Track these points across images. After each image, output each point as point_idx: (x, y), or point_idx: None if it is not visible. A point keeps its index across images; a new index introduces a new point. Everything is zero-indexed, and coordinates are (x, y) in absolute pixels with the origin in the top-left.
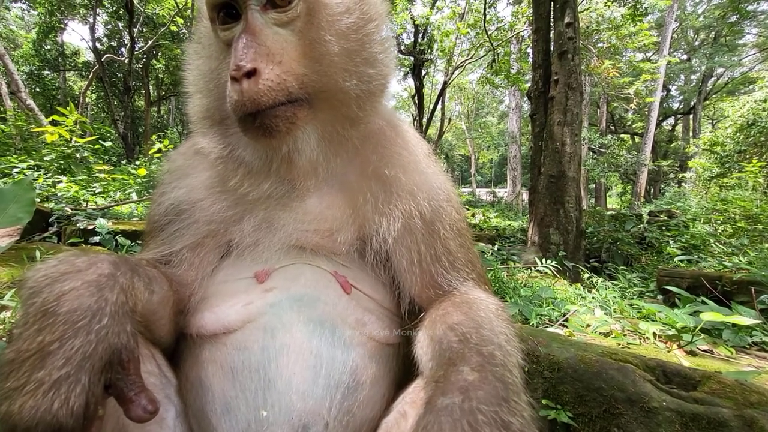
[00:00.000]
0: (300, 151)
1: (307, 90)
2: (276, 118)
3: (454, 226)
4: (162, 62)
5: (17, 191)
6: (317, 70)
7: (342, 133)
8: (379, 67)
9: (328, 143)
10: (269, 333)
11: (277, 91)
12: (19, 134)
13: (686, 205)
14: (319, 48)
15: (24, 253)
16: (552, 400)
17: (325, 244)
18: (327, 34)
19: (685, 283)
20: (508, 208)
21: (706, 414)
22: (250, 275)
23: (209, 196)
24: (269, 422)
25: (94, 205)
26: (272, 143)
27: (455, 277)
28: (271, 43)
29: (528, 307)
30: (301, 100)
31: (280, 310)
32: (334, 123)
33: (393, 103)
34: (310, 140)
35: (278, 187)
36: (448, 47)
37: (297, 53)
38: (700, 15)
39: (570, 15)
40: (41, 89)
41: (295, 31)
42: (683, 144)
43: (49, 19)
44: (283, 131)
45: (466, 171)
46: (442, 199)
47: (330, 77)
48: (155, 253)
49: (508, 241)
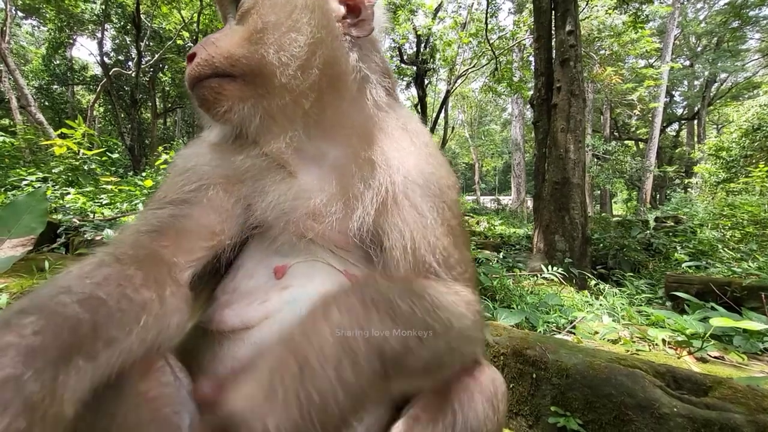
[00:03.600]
0: (245, 124)
1: (237, 68)
2: (203, 88)
3: (447, 217)
4: (168, 75)
5: (30, 202)
6: (247, 49)
7: (288, 104)
8: (303, 31)
9: (278, 117)
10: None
11: (203, 66)
12: (29, 147)
13: (693, 211)
14: (252, 29)
15: (33, 263)
16: (561, 407)
17: (322, 229)
18: (261, 20)
19: (693, 289)
20: (512, 216)
21: (718, 420)
22: (269, 270)
23: (214, 154)
24: None
25: (101, 217)
26: (209, 112)
27: (439, 274)
28: (220, 36)
29: (535, 315)
30: (230, 75)
31: (296, 307)
32: (274, 96)
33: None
34: (253, 113)
35: (256, 159)
36: (451, 56)
37: (237, 38)
38: (702, 21)
39: (571, 23)
40: (50, 103)
41: (242, 23)
42: (688, 149)
43: (58, 35)
44: (210, 100)
45: (470, 179)
46: (437, 186)
47: (257, 53)
48: (162, 203)
49: (514, 249)
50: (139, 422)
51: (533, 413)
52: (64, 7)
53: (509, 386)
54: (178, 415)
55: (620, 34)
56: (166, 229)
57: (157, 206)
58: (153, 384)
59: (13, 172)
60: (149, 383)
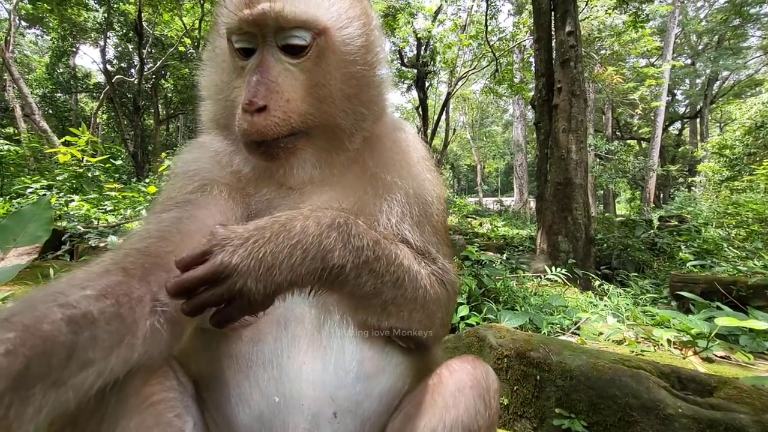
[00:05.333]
0: (296, 169)
1: (307, 124)
2: (278, 148)
3: (436, 226)
4: (170, 82)
5: (36, 211)
6: (319, 108)
7: (334, 155)
8: (374, 107)
9: (321, 164)
10: (282, 325)
11: (282, 126)
12: (33, 155)
13: (697, 210)
14: (324, 90)
15: (39, 271)
16: (566, 409)
17: None
18: (332, 79)
19: (698, 288)
20: (515, 217)
21: (723, 420)
22: None
23: (217, 162)
24: (281, 408)
25: (105, 223)
26: (271, 166)
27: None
28: (281, 81)
29: (539, 316)
30: (302, 132)
31: (293, 304)
32: (329, 149)
33: (397, 115)
34: (306, 163)
35: (275, 190)
36: (451, 59)
37: (303, 92)
38: (703, 19)
39: (571, 24)
40: (54, 111)
41: (304, 70)
42: (691, 148)
43: (61, 44)
44: (282, 158)
45: (472, 180)
46: (430, 199)
47: (330, 116)
48: (165, 205)
49: (517, 250)
50: (143, 427)
51: (537, 415)
52: (67, 16)
53: (513, 389)
54: (181, 419)
55: (620, 33)
56: (170, 234)
57: (160, 209)
58: (156, 389)
59: (18, 180)
60: (152, 388)
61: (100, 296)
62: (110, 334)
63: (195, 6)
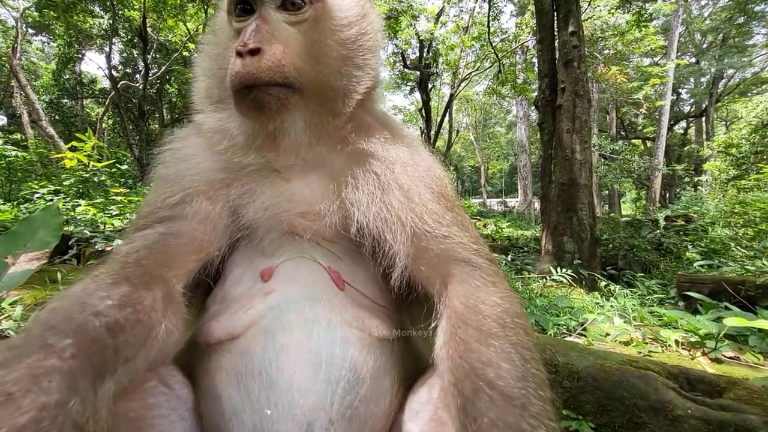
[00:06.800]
0: (285, 132)
1: (301, 80)
2: (269, 95)
3: (435, 191)
4: (175, 86)
5: (45, 217)
6: (314, 67)
7: (325, 122)
8: (367, 71)
9: (312, 130)
10: (270, 335)
11: (275, 71)
12: (40, 161)
13: (704, 209)
14: (319, 49)
15: (46, 275)
16: (573, 411)
17: (315, 227)
18: (328, 40)
19: (706, 288)
20: (520, 218)
21: (733, 421)
22: (256, 274)
23: (201, 153)
24: (274, 420)
25: (111, 227)
26: (261, 118)
27: (447, 245)
28: (278, 33)
29: (545, 317)
30: (294, 87)
31: (280, 313)
32: (320, 114)
33: (400, 117)
34: (296, 124)
35: (261, 161)
36: (453, 60)
37: (299, 48)
38: (707, 18)
39: (574, 24)
40: (60, 117)
41: (301, 31)
42: (697, 147)
43: (67, 50)
44: (273, 109)
45: (476, 182)
46: (422, 169)
47: (324, 75)
48: (148, 221)
49: (522, 251)
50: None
51: None
52: (73, 23)
53: None
54: (174, 425)
55: (624, 33)
56: (159, 249)
57: (143, 223)
58: (145, 395)
59: (25, 186)
60: (141, 395)
61: (121, 305)
62: (136, 337)
63: (199, 11)
